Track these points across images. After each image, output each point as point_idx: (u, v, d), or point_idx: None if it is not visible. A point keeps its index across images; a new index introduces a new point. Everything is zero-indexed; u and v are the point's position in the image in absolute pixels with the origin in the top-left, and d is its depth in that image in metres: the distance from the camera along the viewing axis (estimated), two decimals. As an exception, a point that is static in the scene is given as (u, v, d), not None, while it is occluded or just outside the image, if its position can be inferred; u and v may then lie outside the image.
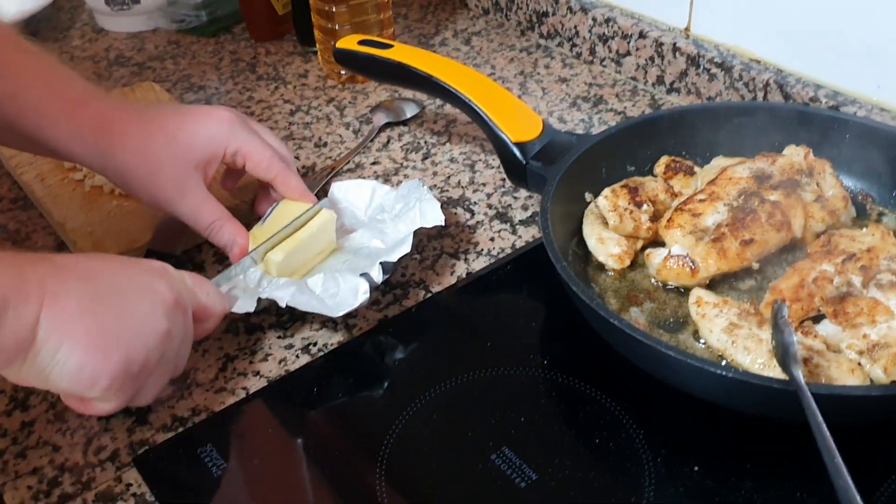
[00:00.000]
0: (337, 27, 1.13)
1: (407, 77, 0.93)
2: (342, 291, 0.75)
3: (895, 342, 0.66)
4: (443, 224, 0.81)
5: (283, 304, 0.75)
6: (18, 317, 0.54)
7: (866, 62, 0.91)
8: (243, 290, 0.77)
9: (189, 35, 1.34)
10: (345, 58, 0.98)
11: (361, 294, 0.74)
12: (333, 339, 0.77)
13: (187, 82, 1.21)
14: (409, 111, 1.11)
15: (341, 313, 0.73)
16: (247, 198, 0.91)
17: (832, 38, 0.93)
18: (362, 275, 0.75)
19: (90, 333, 0.58)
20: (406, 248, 0.78)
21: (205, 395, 0.73)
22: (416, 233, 0.80)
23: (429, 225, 0.81)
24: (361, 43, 0.96)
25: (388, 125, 1.09)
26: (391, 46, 0.94)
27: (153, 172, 0.77)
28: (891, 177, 0.85)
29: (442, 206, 0.92)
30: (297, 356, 0.76)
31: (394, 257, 0.77)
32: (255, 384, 0.74)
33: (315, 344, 0.77)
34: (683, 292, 0.78)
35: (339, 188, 0.89)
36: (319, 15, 1.14)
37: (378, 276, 0.76)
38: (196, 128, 0.79)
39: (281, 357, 0.76)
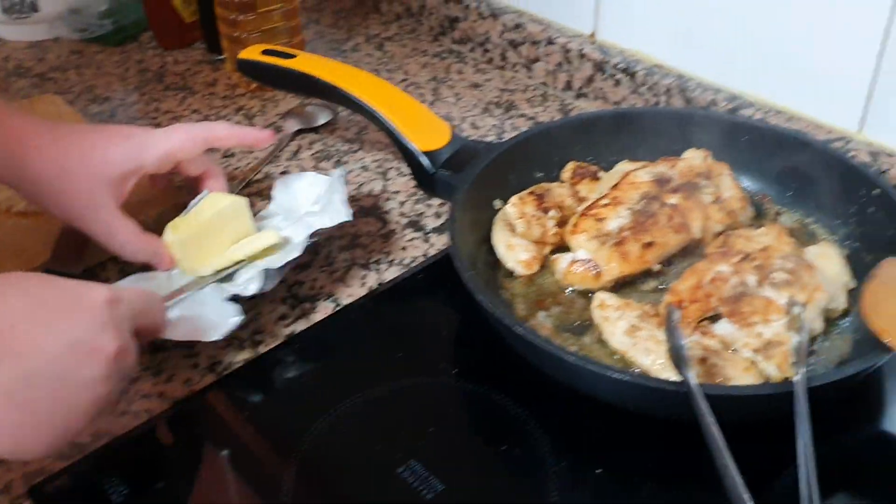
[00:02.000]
0: (244, 35, 1.12)
1: (312, 87, 0.92)
2: (217, 313, 0.75)
3: (787, 339, 0.68)
4: (350, 220, 0.81)
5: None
6: None
7: (762, 66, 0.94)
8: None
9: (93, 44, 1.31)
10: (248, 68, 0.97)
11: (234, 318, 0.74)
12: (239, 356, 0.77)
13: (91, 94, 1.18)
14: (322, 118, 1.10)
15: (214, 339, 0.73)
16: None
17: (730, 44, 0.96)
18: (231, 298, 0.75)
19: (20, 426, 0.53)
20: (296, 252, 0.78)
21: (106, 419, 0.71)
22: (321, 239, 0.79)
23: (332, 224, 0.81)
24: (265, 53, 0.95)
25: (300, 132, 1.09)
26: (295, 56, 0.94)
27: (66, 186, 0.76)
28: (786, 177, 0.88)
29: (354, 215, 0.92)
30: (203, 375, 0.75)
31: (277, 263, 0.77)
32: (159, 406, 0.72)
33: (220, 362, 0.76)
34: (589, 296, 0.79)
35: (283, 181, 0.89)
36: (225, 23, 1.13)
37: (257, 285, 0.76)
38: (110, 145, 0.78)
39: (186, 377, 0.75)
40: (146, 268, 0.82)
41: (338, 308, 0.81)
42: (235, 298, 0.76)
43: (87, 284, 0.58)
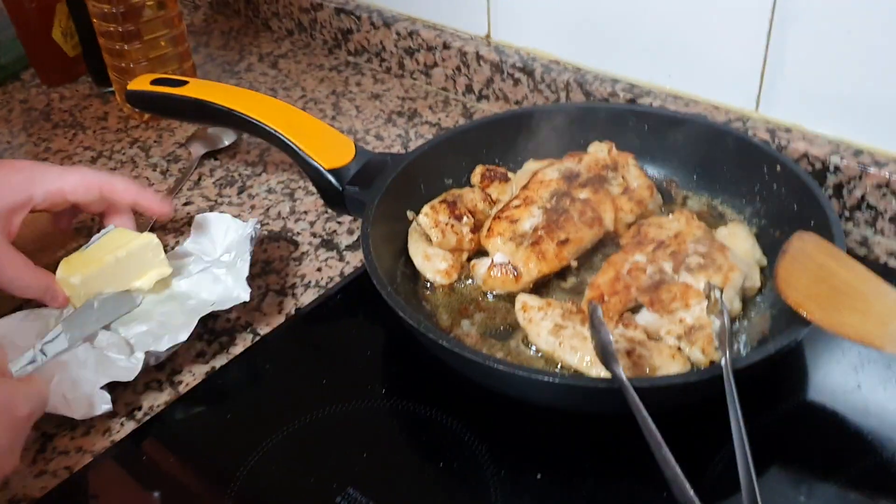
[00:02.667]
0: (132, 65, 1.07)
1: (208, 114, 0.89)
2: (89, 393, 0.71)
3: (709, 323, 0.69)
4: (247, 300, 0.77)
5: None
6: None
7: (656, 53, 0.95)
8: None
9: (-29, 86, 1.24)
10: (138, 100, 0.93)
11: (102, 406, 0.70)
12: (159, 400, 0.73)
13: (-28, 139, 1.12)
14: (227, 138, 1.07)
15: (83, 417, 0.70)
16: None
17: (623, 34, 0.97)
18: (104, 386, 0.71)
19: None
20: (183, 336, 0.74)
21: (23, 481, 0.67)
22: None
23: (228, 305, 0.77)
24: (155, 82, 0.91)
25: (206, 155, 1.05)
26: (186, 83, 0.90)
27: None
28: (690, 161, 0.90)
29: (263, 241, 0.89)
30: (123, 424, 0.71)
31: (162, 347, 0.73)
32: (80, 461, 0.68)
33: (140, 408, 0.72)
34: (511, 299, 0.78)
35: (201, 220, 0.85)
36: (110, 54, 1.08)
37: (134, 371, 0.72)
38: None
39: (104, 428, 0.71)
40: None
41: (257, 339, 0.79)
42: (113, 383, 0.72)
43: (16, 391, 0.59)
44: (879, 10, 0.77)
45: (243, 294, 0.77)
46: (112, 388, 0.74)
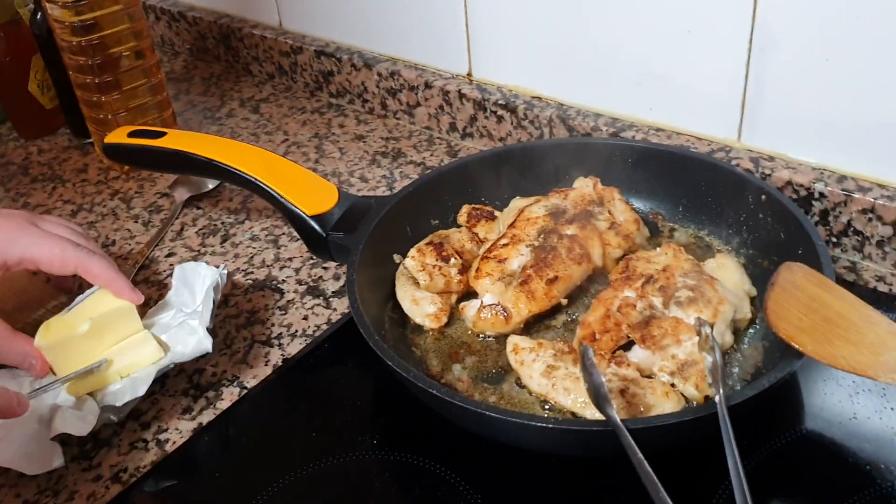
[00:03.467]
0: (110, 116, 1.07)
1: (187, 164, 0.88)
2: (45, 443, 0.69)
3: (701, 359, 0.68)
4: (210, 351, 0.75)
5: None
6: None
7: (637, 87, 0.95)
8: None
9: (-52, 143, 1.23)
10: (116, 153, 0.92)
11: (56, 459, 0.69)
12: (145, 460, 0.71)
13: (-49, 196, 1.11)
14: (211, 182, 1.06)
15: (38, 472, 0.69)
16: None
17: (603, 68, 0.97)
18: (55, 437, 0.70)
19: None
20: (140, 392, 0.72)
21: (4, 554, 0.65)
22: (217, 321, 0.75)
23: (188, 358, 0.75)
24: (132, 135, 0.91)
25: (191, 200, 1.04)
26: (164, 134, 0.89)
27: None
28: (675, 193, 0.90)
29: (247, 290, 0.88)
30: (108, 487, 0.69)
31: (119, 401, 0.72)
32: (63, 528, 0.67)
33: (125, 470, 0.71)
34: (503, 340, 0.77)
35: (180, 270, 0.82)
36: (88, 106, 1.08)
37: (87, 427, 0.70)
38: None
39: (89, 492, 0.69)
40: None
41: (244, 392, 0.77)
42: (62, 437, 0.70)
43: None
44: (856, 36, 0.77)
45: (205, 343, 0.75)
46: (97, 448, 0.72)
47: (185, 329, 0.76)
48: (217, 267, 0.80)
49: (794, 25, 0.80)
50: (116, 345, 0.75)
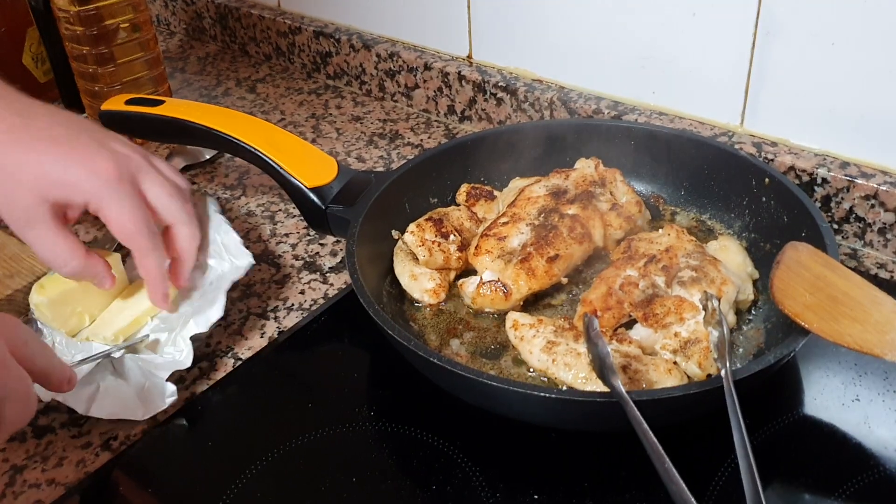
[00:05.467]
0: (105, 89, 1.05)
1: (185, 133, 0.87)
2: (149, 389, 0.70)
3: (704, 336, 0.68)
4: (253, 262, 0.78)
5: (81, 411, 0.69)
6: None
7: (640, 70, 0.95)
8: None
9: (-62, 114, 1.21)
10: (113, 121, 0.90)
11: (168, 397, 0.70)
12: (136, 428, 0.70)
13: (-60, 166, 1.08)
14: (208, 151, 1.05)
15: (148, 416, 0.69)
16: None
17: (606, 50, 0.96)
18: (170, 378, 0.71)
19: None
20: (218, 312, 0.74)
21: (-10, 518, 0.63)
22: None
23: (241, 274, 0.78)
24: (129, 102, 0.89)
25: (187, 168, 1.03)
26: (163, 102, 0.88)
27: (6, 188, 0.69)
28: (677, 176, 0.89)
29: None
30: (97, 454, 0.68)
31: (204, 327, 0.73)
32: (51, 494, 0.65)
33: (116, 438, 0.69)
34: (501, 317, 0.76)
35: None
36: (83, 78, 1.06)
37: (189, 357, 0.72)
38: (64, 167, 0.70)
39: (78, 459, 0.68)
40: None
41: (238, 364, 0.76)
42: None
43: None
44: (861, 22, 0.77)
45: (248, 257, 0.78)
46: (87, 415, 0.71)
47: (198, 272, 0.79)
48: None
49: (799, 10, 0.80)
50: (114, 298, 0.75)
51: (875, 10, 0.76)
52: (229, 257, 0.80)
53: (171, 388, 0.70)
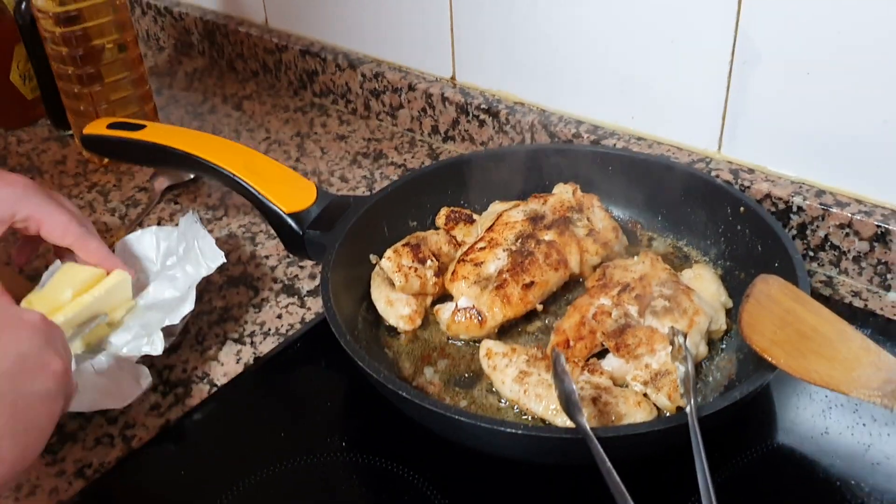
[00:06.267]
0: (91, 108, 1.05)
1: (166, 157, 0.87)
2: (125, 377, 0.72)
3: (674, 369, 0.68)
4: (224, 261, 0.80)
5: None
6: None
7: (619, 95, 0.95)
8: None
9: (-75, 130, 1.21)
10: (95, 144, 0.91)
11: (144, 380, 0.72)
12: (110, 455, 0.70)
13: (-75, 184, 1.09)
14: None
15: (126, 403, 0.71)
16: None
17: (586, 75, 0.97)
18: (139, 360, 0.73)
19: None
20: (189, 306, 0.76)
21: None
22: (199, 287, 0.79)
23: (211, 270, 0.80)
24: (111, 126, 0.89)
25: (170, 189, 1.04)
26: (144, 127, 0.88)
27: None
28: (654, 202, 0.89)
29: (222, 287, 0.87)
30: (71, 483, 0.68)
31: (175, 319, 0.75)
32: (23, 523, 0.66)
33: (90, 465, 0.70)
34: (476, 344, 0.77)
35: (123, 244, 0.86)
36: (68, 97, 1.06)
37: (160, 347, 0.73)
38: None
39: (52, 487, 0.68)
40: None
41: (213, 390, 0.76)
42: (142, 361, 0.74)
43: (17, 307, 0.60)
44: (835, 53, 0.77)
45: (220, 257, 0.80)
46: (61, 441, 0.71)
47: (165, 280, 0.82)
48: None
49: (775, 39, 0.81)
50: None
51: (849, 41, 0.76)
52: (205, 262, 0.82)
53: (145, 370, 0.72)
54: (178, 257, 0.84)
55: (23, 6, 1.09)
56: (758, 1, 0.80)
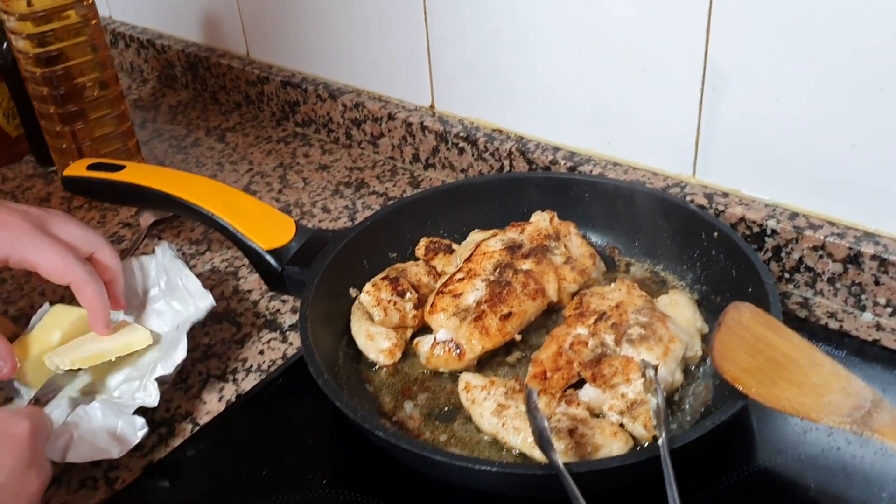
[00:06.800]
0: (73, 146, 1.06)
1: (146, 197, 0.88)
2: (121, 427, 0.72)
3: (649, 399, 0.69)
4: (213, 303, 0.81)
5: (58, 459, 0.70)
6: None
7: (594, 121, 0.96)
8: None
9: (-90, 170, 1.22)
10: (75, 186, 0.92)
11: (140, 430, 0.72)
12: (94, 498, 0.71)
13: (-90, 225, 1.09)
14: None
15: (123, 453, 0.71)
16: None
17: (562, 102, 0.98)
18: (137, 411, 0.73)
19: None
20: (181, 354, 0.76)
21: None
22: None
23: (202, 315, 0.80)
24: (92, 167, 0.90)
25: (156, 224, 1.05)
26: (123, 168, 0.89)
27: None
28: (631, 228, 0.90)
29: (205, 323, 0.88)
30: (53, 527, 0.69)
31: (169, 368, 0.75)
32: (8, 569, 0.66)
33: (72, 509, 0.70)
34: (456, 377, 0.77)
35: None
36: (51, 136, 1.07)
37: (156, 398, 0.74)
38: None
39: (35, 532, 0.68)
40: None
41: (196, 429, 0.77)
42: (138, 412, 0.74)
43: (7, 414, 0.61)
44: (804, 76, 0.79)
45: (208, 298, 0.81)
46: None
47: (153, 314, 0.83)
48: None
49: (744, 67, 0.82)
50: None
51: (815, 67, 0.78)
52: (192, 301, 0.82)
53: (141, 420, 0.72)
54: (160, 290, 0.85)
55: (3, 46, 1.10)
56: (725, 29, 0.81)
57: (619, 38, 0.89)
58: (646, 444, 0.68)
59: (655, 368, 0.65)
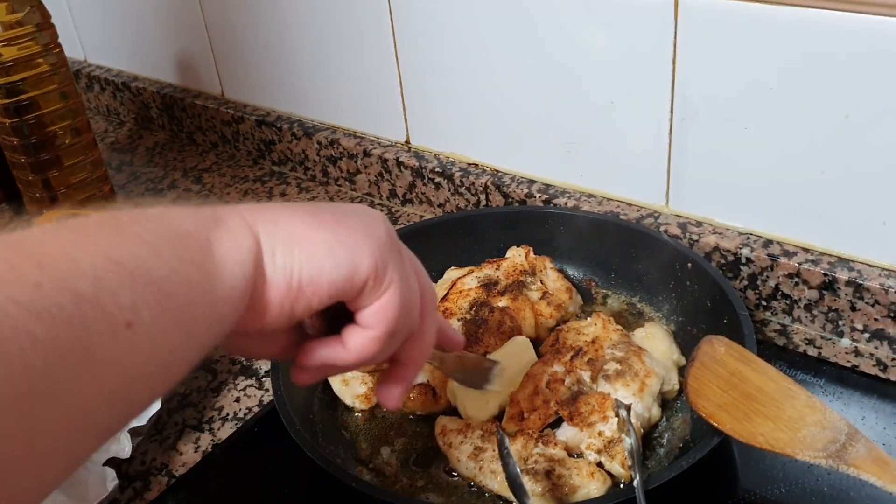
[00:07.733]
0: (46, 195, 1.06)
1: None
2: (90, 479, 0.71)
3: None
4: None
5: None
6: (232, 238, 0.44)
7: (566, 154, 0.96)
8: None
9: None
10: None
11: (110, 482, 0.71)
12: (67, 559, 0.70)
13: None
14: None
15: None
16: None
17: (535, 135, 0.98)
18: (107, 462, 0.72)
19: (322, 239, 0.48)
20: (156, 405, 0.76)
21: None
22: None
23: None
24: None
25: None
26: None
27: None
28: (607, 260, 0.90)
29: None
30: (27, 590, 0.68)
31: (143, 420, 0.75)
32: None
33: (45, 571, 0.69)
34: (433, 420, 0.77)
35: None
36: (23, 184, 1.07)
37: (128, 449, 0.73)
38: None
39: None
40: None
41: (172, 481, 0.76)
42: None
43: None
44: (770, 105, 0.79)
45: None
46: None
47: None
48: None
49: (711, 98, 0.82)
50: None
51: (781, 97, 0.78)
52: None
53: (111, 472, 0.72)
54: None
55: (-25, 96, 1.10)
56: (692, 60, 0.81)
57: (587, 72, 0.89)
58: (624, 483, 0.68)
59: (628, 408, 0.64)
